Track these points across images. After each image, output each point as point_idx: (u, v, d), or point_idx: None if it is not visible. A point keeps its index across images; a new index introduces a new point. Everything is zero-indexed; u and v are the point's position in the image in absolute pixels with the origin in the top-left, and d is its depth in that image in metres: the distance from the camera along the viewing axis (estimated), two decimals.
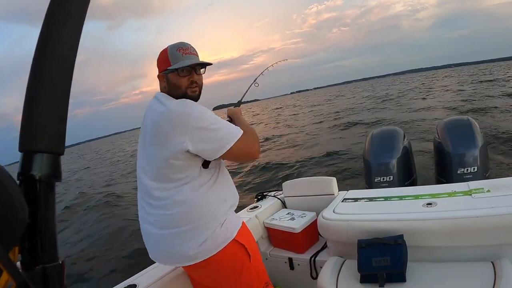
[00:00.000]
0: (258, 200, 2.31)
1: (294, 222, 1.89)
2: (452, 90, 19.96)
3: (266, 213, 2.10)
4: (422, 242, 1.32)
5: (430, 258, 1.32)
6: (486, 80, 22.64)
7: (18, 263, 0.38)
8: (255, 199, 2.33)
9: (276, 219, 1.99)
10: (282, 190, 2.26)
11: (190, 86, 1.21)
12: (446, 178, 2.60)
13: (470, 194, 1.43)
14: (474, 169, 2.49)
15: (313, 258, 1.81)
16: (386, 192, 1.74)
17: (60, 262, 0.41)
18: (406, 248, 1.27)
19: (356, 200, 1.73)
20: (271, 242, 2.06)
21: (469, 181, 1.60)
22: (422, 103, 15.32)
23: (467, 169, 2.50)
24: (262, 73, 1.78)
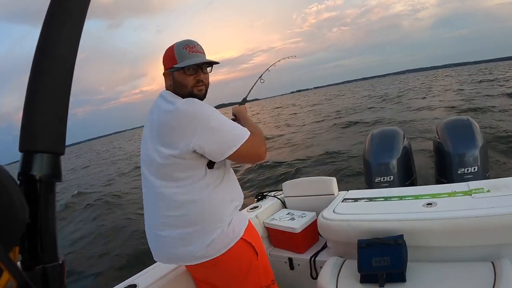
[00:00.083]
0: (258, 200, 2.31)
1: (294, 222, 1.89)
2: (452, 89, 19.97)
3: (266, 213, 2.10)
4: (422, 242, 1.32)
5: (430, 258, 1.32)
6: (486, 80, 22.65)
7: (19, 263, 0.38)
8: (255, 199, 2.33)
9: (276, 219, 1.99)
10: (282, 190, 2.26)
11: (197, 85, 1.19)
12: (447, 178, 2.60)
13: (470, 194, 1.43)
14: (474, 169, 2.49)
15: (313, 258, 1.81)
16: (386, 192, 1.74)
17: (60, 262, 0.41)
18: (406, 248, 1.27)
19: (356, 200, 1.73)
20: (271, 242, 2.06)
21: (469, 181, 1.60)
22: (422, 103, 15.32)
23: (468, 169, 2.50)
24: (268, 69, 1.74)
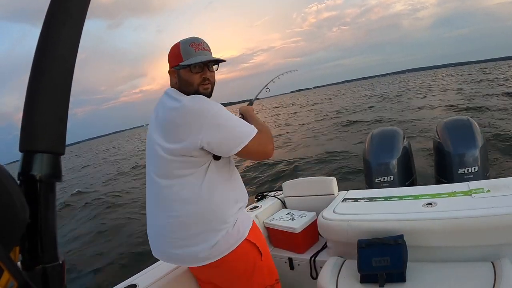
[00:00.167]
0: (258, 200, 2.31)
1: (294, 222, 1.89)
2: (452, 89, 19.98)
3: (266, 213, 2.10)
4: (422, 242, 1.31)
5: (430, 258, 1.32)
6: (486, 79, 22.66)
7: (19, 263, 0.38)
8: (255, 199, 2.33)
9: (276, 219, 1.99)
10: (282, 190, 2.26)
11: (203, 83, 1.17)
12: (447, 178, 2.60)
13: (470, 194, 1.43)
14: (474, 169, 2.49)
15: (313, 258, 1.81)
16: (386, 192, 1.74)
17: (60, 262, 0.41)
18: (406, 248, 1.27)
19: (356, 200, 1.73)
20: (271, 242, 2.06)
21: (469, 181, 1.60)
22: (422, 102, 15.34)
23: (468, 169, 2.50)
24: (273, 80, 1.77)
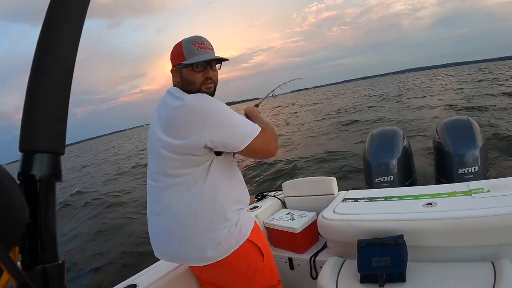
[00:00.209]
0: (258, 200, 2.31)
1: (294, 222, 1.89)
2: (452, 88, 19.99)
3: (266, 213, 2.10)
4: (422, 242, 1.31)
5: (430, 258, 1.32)
6: (486, 79, 22.67)
7: (19, 263, 0.38)
8: (255, 199, 2.33)
9: (276, 219, 1.99)
10: (282, 190, 2.26)
11: (205, 82, 1.17)
12: (447, 178, 2.60)
13: (470, 194, 1.43)
14: (475, 169, 2.49)
15: (313, 258, 1.81)
16: (386, 192, 1.74)
17: (60, 262, 0.41)
18: (406, 248, 1.27)
19: (356, 200, 1.73)
20: (271, 242, 2.06)
21: (469, 181, 1.60)
22: (422, 102, 15.35)
23: (468, 169, 2.50)
24: (280, 86, 1.80)
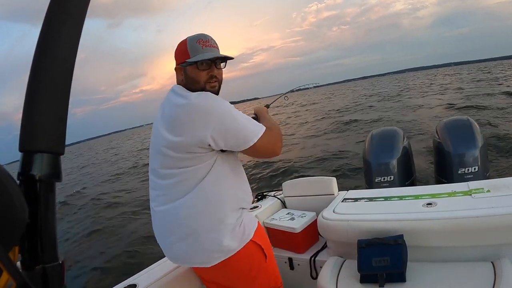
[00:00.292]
0: (258, 200, 2.30)
1: (294, 222, 1.89)
2: (451, 88, 20.01)
3: (266, 213, 2.10)
4: (422, 242, 1.31)
5: (430, 258, 1.32)
6: (486, 78, 22.69)
7: (18, 263, 0.38)
8: (255, 199, 2.33)
9: (276, 219, 1.99)
10: (282, 190, 2.26)
11: (210, 81, 1.15)
12: (447, 178, 2.60)
13: (470, 194, 1.43)
14: (475, 169, 2.49)
15: (313, 258, 1.80)
16: (386, 192, 1.74)
17: (60, 262, 0.41)
18: (406, 248, 1.27)
19: (356, 200, 1.73)
20: (271, 242, 2.06)
21: (469, 181, 1.60)
22: (422, 101, 15.37)
23: (468, 169, 2.50)
24: (293, 90, 1.83)
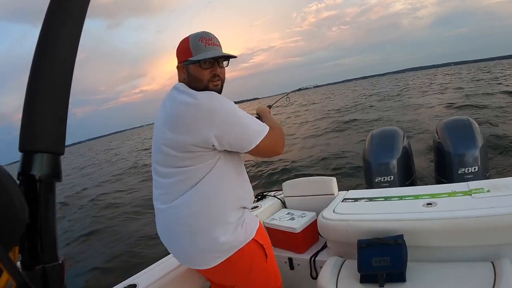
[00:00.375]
0: (258, 200, 2.30)
1: (294, 222, 1.89)
2: (451, 87, 20.02)
3: (266, 213, 2.10)
4: (422, 242, 1.31)
5: (430, 258, 1.32)
6: (486, 78, 22.71)
7: (18, 263, 0.38)
8: (255, 199, 2.33)
9: (276, 219, 1.99)
10: (282, 190, 2.26)
11: (212, 80, 1.14)
12: (447, 178, 2.60)
13: (470, 194, 1.43)
14: (475, 169, 2.49)
15: (313, 258, 1.80)
16: (386, 192, 1.74)
17: (60, 262, 0.41)
18: (406, 248, 1.27)
19: (356, 200, 1.73)
20: (271, 242, 2.06)
21: (469, 181, 1.60)
22: (422, 101, 15.37)
23: (468, 169, 2.50)
24: (294, 91, 1.83)
